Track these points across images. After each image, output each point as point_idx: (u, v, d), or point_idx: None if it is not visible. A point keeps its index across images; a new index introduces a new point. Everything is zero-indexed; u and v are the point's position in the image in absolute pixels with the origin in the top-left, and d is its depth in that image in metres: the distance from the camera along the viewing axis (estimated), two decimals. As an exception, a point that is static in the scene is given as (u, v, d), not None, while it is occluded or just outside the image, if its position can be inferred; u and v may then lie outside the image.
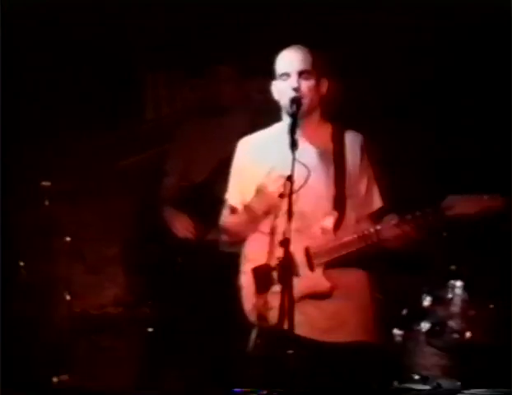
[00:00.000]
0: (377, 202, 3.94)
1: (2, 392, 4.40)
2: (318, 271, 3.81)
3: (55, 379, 4.84)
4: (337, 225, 3.85)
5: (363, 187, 3.92)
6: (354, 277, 3.91)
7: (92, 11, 4.99)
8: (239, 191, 4.00)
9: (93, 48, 5.29)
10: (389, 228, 3.76)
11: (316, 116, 3.95)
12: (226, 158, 4.40)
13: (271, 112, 4.14)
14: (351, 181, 3.89)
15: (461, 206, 3.68)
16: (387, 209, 3.98)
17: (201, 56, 5.21)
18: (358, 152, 3.92)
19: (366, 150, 3.95)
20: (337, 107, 4.04)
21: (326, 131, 3.96)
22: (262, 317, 3.76)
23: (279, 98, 3.89)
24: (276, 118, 4.03)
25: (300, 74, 3.85)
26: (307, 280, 3.77)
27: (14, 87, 5.01)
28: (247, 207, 3.92)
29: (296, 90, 3.81)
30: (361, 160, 3.92)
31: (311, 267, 3.82)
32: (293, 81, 3.84)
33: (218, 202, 4.76)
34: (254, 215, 3.90)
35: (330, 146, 3.93)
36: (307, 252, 3.82)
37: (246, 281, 3.89)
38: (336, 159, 3.90)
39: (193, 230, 4.99)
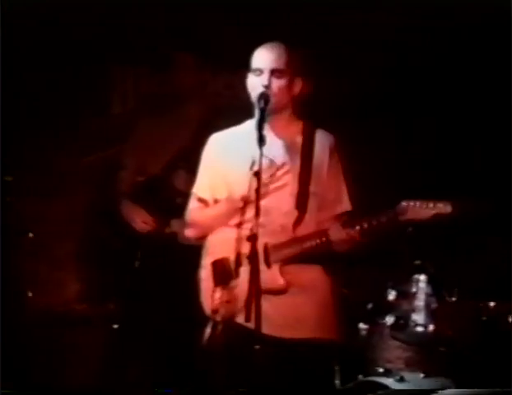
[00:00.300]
0: (345, 205, 3.98)
1: None
2: (275, 267, 3.85)
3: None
4: (298, 222, 3.89)
5: (331, 187, 3.95)
6: (314, 274, 3.95)
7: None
8: (208, 185, 4.00)
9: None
10: (337, 230, 3.81)
11: (287, 113, 3.97)
12: (183, 149, 4.41)
13: (239, 107, 4.15)
14: (317, 180, 3.91)
15: (413, 211, 3.80)
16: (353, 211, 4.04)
17: (165, 49, 5.17)
18: (327, 152, 3.95)
19: (337, 151, 3.98)
20: (309, 106, 4.05)
21: (297, 127, 3.98)
22: (218, 311, 3.76)
23: (251, 92, 3.91)
24: (243, 112, 4.02)
25: (273, 72, 3.87)
26: (263, 276, 3.73)
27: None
28: (229, 199, 3.93)
29: (266, 87, 3.84)
30: (330, 160, 3.95)
31: (268, 264, 3.84)
32: (264, 78, 3.87)
33: (176, 193, 4.76)
34: (233, 208, 3.90)
35: (299, 142, 3.96)
36: (265, 248, 3.84)
37: (205, 274, 3.90)
38: (303, 156, 3.93)
39: (151, 223, 4.93)
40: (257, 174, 3.64)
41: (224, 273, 3.81)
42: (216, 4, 5.01)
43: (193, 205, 4.06)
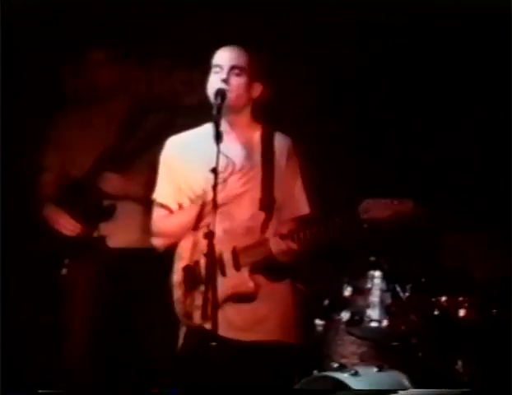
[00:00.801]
0: (303, 208, 4.03)
1: None
2: (244, 271, 3.89)
3: None
4: (264, 225, 3.94)
5: (290, 190, 4.00)
6: (277, 277, 4.01)
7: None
8: (170, 191, 4.02)
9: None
10: (276, 243, 3.85)
11: (246, 116, 4.01)
12: (109, 149, 4.35)
13: (196, 106, 4.17)
14: (277, 183, 3.96)
15: (375, 210, 3.87)
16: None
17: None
18: (286, 155, 4.00)
19: (295, 153, 4.04)
20: (268, 109, 4.11)
21: (255, 131, 4.02)
22: (189, 316, 3.82)
23: (210, 90, 3.93)
24: (200, 111, 4.05)
25: (232, 68, 3.91)
26: (233, 280, 3.85)
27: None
28: (197, 203, 3.95)
29: (225, 81, 3.87)
30: (288, 162, 4.00)
31: (237, 267, 3.88)
32: (223, 73, 3.90)
33: (103, 196, 4.67)
34: (205, 210, 3.93)
35: (259, 146, 4.00)
36: (234, 251, 3.88)
37: (177, 279, 3.94)
38: (264, 159, 3.98)
39: (76, 227, 4.78)
40: (214, 171, 3.68)
41: (194, 278, 3.87)
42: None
43: (156, 213, 4.04)
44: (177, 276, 3.94)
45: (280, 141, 4.01)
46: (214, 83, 3.91)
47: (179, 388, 3.86)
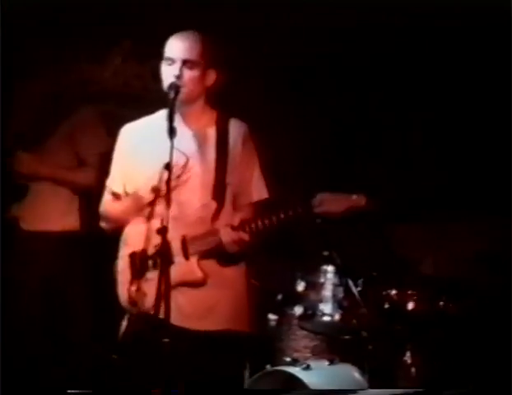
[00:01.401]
0: (262, 193, 4.03)
1: None
2: (193, 259, 3.89)
3: None
4: (216, 214, 3.95)
5: (247, 176, 4.00)
6: (228, 267, 4.02)
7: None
8: (120, 178, 4.03)
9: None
10: (226, 233, 3.87)
11: (200, 103, 3.98)
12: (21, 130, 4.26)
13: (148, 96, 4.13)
14: (232, 169, 3.96)
15: (329, 204, 3.89)
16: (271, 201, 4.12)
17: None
18: (241, 141, 3.99)
19: (251, 139, 4.03)
20: (223, 95, 4.08)
21: (210, 117, 4.01)
22: (134, 303, 3.81)
23: (164, 81, 3.91)
24: (153, 102, 4.06)
25: (185, 62, 3.87)
26: (181, 268, 3.85)
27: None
28: (135, 195, 3.97)
29: (178, 77, 3.84)
30: (244, 148, 3.99)
31: (186, 256, 3.89)
32: (176, 68, 3.87)
33: (16, 176, 4.58)
34: (140, 203, 3.95)
35: (213, 132, 3.99)
36: (183, 240, 3.89)
37: (122, 266, 3.93)
38: (218, 146, 3.97)
39: None
40: (167, 167, 3.67)
41: (141, 265, 3.86)
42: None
43: (106, 197, 4.08)
44: (122, 262, 3.93)
45: (235, 128, 4.00)
46: (167, 76, 3.88)
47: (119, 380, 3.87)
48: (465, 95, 5.19)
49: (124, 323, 3.85)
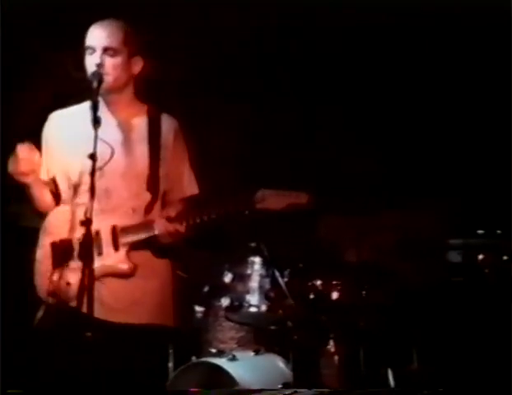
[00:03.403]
0: (192, 189, 3.99)
1: None
2: (122, 250, 3.82)
3: None
4: (149, 205, 3.89)
5: (178, 172, 3.95)
6: (157, 259, 3.93)
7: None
8: (45, 165, 3.93)
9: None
10: (161, 225, 3.82)
11: (128, 93, 3.91)
12: None
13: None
14: (164, 163, 3.90)
15: (270, 200, 3.84)
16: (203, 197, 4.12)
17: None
18: (173, 137, 3.93)
19: (182, 135, 3.97)
20: (154, 89, 4.04)
21: (140, 110, 3.95)
22: (54, 294, 3.73)
23: (87, 71, 3.81)
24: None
25: (105, 50, 3.79)
26: (109, 259, 3.78)
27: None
28: (50, 182, 3.89)
29: (99, 66, 3.76)
30: (176, 144, 3.94)
31: (116, 247, 3.83)
32: (97, 56, 3.79)
33: None
34: (56, 191, 3.87)
35: (141, 123, 3.93)
36: (113, 231, 3.83)
37: (42, 254, 3.85)
38: (151, 139, 3.91)
39: None
40: (92, 157, 3.60)
41: (63, 255, 3.78)
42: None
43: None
44: (42, 251, 3.86)
45: (166, 123, 3.96)
46: (89, 66, 3.81)
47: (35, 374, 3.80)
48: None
49: (40, 313, 3.78)
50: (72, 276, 3.71)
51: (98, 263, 3.69)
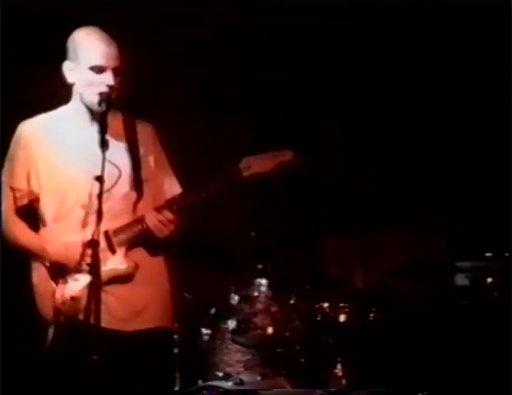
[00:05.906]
0: (174, 189, 3.93)
1: None
2: (120, 252, 3.78)
3: None
4: (136, 203, 3.83)
5: (159, 174, 3.91)
6: (153, 262, 3.88)
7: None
8: (25, 176, 3.85)
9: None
10: (152, 216, 3.76)
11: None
12: None
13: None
14: (146, 168, 3.86)
15: (256, 165, 3.74)
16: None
17: None
18: (150, 141, 3.90)
19: (158, 138, 3.92)
20: (128, 97, 3.90)
21: (117, 120, 3.87)
22: (61, 312, 3.69)
23: (83, 88, 3.76)
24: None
25: (114, 70, 3.72)
26: (108, 263, 3.73)
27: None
28: (31, 192, 3.83)
29: (112, 88, 3.71)
30: (154, 148, 3.90)
31: (112, 250, 3.79)
32: (109, 77, 3.73)
33: None
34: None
35: (121, 135, 3.86)
36: (106, 236, 3.77)
37: (38, 277, 3.81)
38: (129, 146, 3.86)
39: None
40: (99, 179, 3.55)
41: (61, 271, 3.74)
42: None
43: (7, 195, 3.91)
44: (37, 273, 3.79)
45: (142, 128, 3.91)
46: (96, 86, 3.72)
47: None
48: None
49: (50, 335, 3.74)
50: (74, 290, 3.68)
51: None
